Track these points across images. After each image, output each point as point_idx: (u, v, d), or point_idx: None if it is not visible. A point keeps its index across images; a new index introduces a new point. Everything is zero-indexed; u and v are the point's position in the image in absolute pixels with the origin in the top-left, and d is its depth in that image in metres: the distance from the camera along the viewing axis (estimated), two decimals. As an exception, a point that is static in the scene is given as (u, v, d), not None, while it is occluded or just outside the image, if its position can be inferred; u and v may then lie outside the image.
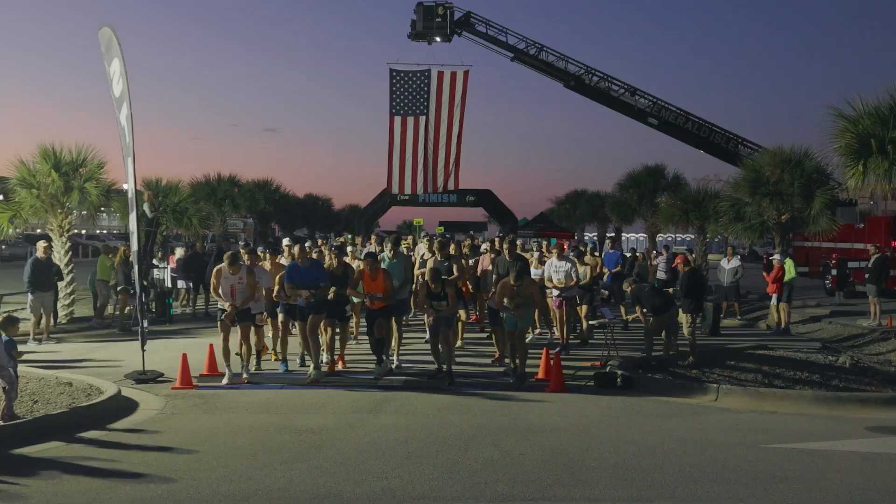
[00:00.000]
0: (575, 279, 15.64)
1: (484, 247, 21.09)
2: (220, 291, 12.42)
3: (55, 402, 10.12)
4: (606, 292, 19.19)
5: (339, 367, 13.45)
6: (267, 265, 14.46)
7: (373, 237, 25.65)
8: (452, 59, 44.47)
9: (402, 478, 7.46)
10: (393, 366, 13.30)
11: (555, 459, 8.18)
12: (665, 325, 13.96)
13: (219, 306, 12.71)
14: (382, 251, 15.46)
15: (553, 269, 15.68)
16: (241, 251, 13.89)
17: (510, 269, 13.06)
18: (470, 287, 17.34)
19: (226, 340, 12.42)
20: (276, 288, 13.26)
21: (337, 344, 13.65)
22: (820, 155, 22.50)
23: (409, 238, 33.51)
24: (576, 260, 16.15)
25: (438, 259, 14.83)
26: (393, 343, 13.71)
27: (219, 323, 12.63)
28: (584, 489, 7.22)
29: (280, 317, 13.62)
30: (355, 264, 15.02)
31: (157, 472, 7.58)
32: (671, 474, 7.71)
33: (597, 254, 20.85)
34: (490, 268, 15.03)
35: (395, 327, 13.79)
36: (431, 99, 33.53)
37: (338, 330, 13.59)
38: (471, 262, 17.48)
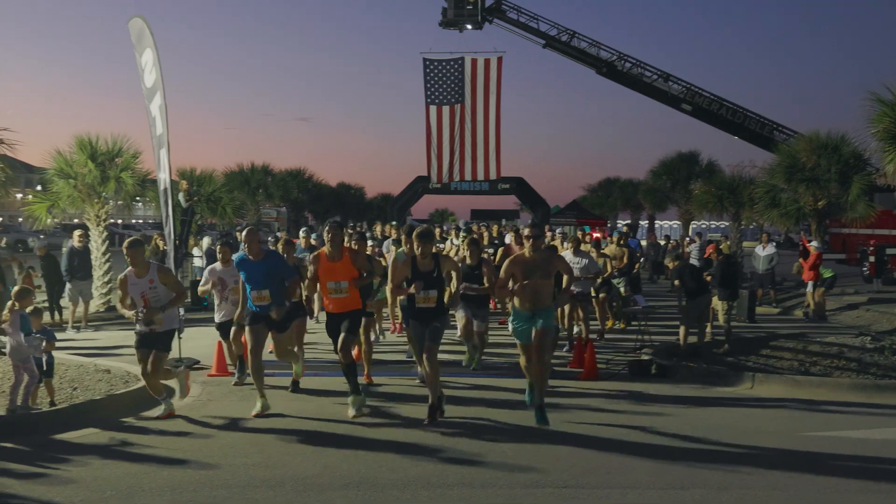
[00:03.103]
0: (594, 273, 14.32)
1: (508, 238, 20.39)
2: (127, 303, 9.34)
3: (94, 389, 10.24)
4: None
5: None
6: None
7: (389, 228, 23.02)
8: (484, 46, 44.20)
9: (435, 465, 7.47)
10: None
11: (588, 447, 8.16)
12: (698, 311, 13.86)
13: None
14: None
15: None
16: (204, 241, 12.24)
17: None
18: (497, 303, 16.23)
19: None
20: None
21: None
22: (857, 140, 22.27)
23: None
24: (594, 251, 15.80)
25: (469, 263, 12.22)
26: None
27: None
28: (618, 476, 7.20)
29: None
30: (389, 259, 13.15)
31: (193, 457, 7.65)
32: (706, 462, 7.66)
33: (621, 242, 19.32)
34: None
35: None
36: (466, 87, 33.51)
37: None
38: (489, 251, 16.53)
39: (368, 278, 9.81)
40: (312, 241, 17.02)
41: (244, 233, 9.86)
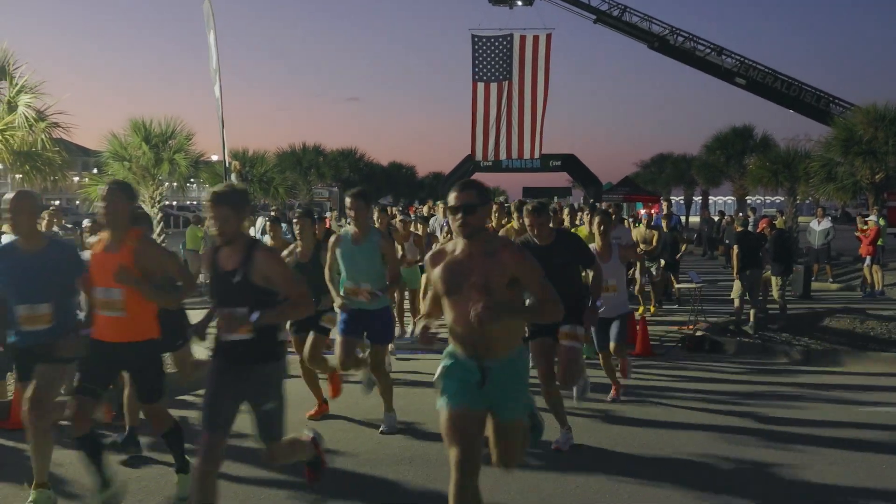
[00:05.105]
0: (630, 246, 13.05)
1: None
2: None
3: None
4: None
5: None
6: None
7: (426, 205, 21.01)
8: (534, 23, 43.90)
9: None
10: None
11: (641, 421, 8.16)
12: (748, 285, 13.69)
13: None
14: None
15: None
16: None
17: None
18: None
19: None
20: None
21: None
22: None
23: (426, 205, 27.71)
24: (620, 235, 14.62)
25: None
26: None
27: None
28: (670, 450, 7.20)
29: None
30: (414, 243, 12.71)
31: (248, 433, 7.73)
32: (758, 437, 7.63)
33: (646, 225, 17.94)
34: None
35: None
36: (514, 64, 33.31)
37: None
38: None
39: (174, 294, 5.94)
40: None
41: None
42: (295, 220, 8.63)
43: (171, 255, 6.10)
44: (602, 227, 8.82)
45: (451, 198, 4.63)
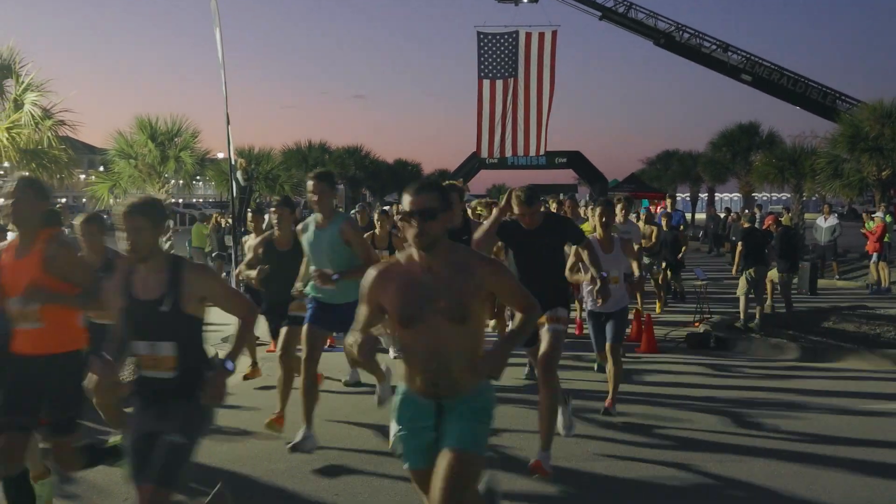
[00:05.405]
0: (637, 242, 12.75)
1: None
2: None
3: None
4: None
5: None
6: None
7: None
8: (539, 19, 44.12)
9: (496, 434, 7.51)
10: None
11: (646, 419, 8.14)
12: (754, 282, 13.66)
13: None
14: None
15: None
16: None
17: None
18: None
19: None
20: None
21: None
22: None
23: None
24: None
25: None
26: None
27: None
28: (675, 451, 7.20)
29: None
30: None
31: (256, 429, 7.75)
32: (766, 435, 7.61)
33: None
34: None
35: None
36: (520, 61, 33.23)
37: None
38: None
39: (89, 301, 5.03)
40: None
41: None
42: (273, 209, 8.47)
43: (80, 262, 5.29)
44: (603, 218, 8.38)
45: (407, 200, 3.80)
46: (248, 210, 13.43)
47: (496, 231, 6.57)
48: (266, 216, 12.12)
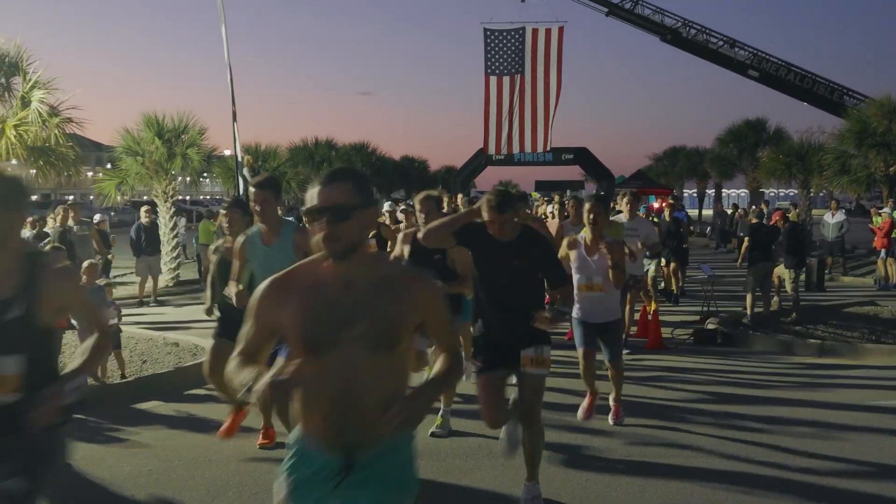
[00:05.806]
0: (651, 244, 12.85)
1: (550, 210, 16.69)
2: None
3: (163, 362, 10.45)
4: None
5: None
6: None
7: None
8: (546, 16, 43.70)
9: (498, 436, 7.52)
10: None
11: (653, 415, 8.14)
12: (759, 277, 13.64)
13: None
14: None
15: None
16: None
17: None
18: None
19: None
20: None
21: None
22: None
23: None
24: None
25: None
26: None
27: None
28: (681, 447, 7.20)
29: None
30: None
31: (257, 427, 7.75)
32: (775, 430, 7.61)
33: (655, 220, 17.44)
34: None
35: None
36: (527, 57, 33.21)
37: None
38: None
39: None
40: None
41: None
42: (223, 212, 7.26)
43: None
44: (593, 216, 7.23)
45: (313, 193, 2.88)
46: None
47: (457, 230, 5.62)
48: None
